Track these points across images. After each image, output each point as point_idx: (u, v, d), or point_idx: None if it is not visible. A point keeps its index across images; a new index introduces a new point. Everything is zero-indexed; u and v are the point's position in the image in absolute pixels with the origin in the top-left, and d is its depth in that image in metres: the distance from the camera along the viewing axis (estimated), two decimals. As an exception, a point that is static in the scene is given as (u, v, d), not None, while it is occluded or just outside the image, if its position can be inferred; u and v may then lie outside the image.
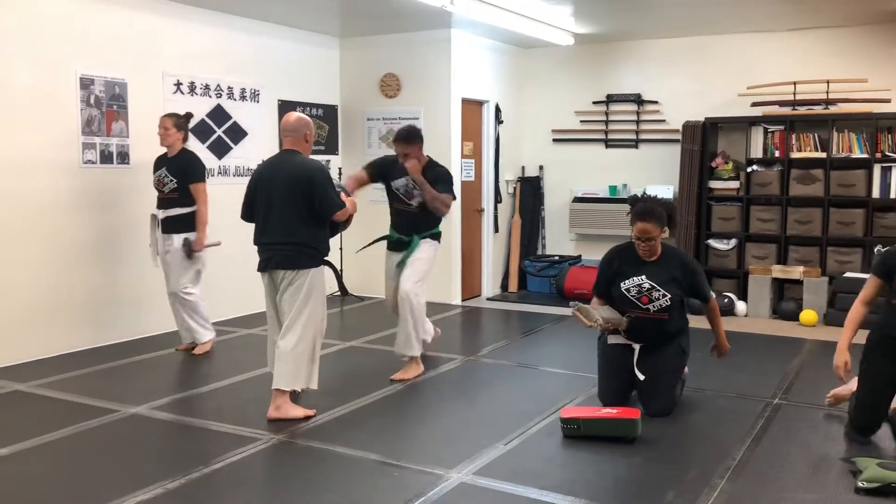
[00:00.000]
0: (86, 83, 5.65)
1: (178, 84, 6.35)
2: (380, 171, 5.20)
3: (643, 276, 4.15)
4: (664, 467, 3.57)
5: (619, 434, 3.84)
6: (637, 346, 4.21)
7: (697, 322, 4.49)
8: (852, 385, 4.00)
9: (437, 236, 5.20)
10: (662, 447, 3.83)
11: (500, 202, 8.48)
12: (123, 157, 5.92)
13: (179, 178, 5.38)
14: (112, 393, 4.66)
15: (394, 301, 5.18)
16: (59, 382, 4.89)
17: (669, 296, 4.13)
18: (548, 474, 3.50)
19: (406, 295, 4.94)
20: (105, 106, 5.79)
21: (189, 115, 5.62)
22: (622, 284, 4.20)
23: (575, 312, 4.16)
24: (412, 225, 5.11)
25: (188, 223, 5.43)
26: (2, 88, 5.16)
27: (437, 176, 5.07)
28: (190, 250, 5.42)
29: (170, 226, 5.43)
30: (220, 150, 6.75)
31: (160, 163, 5.49)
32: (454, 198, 5.14)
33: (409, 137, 4.99)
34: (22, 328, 5.33)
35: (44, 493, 3.31)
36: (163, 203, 5.46)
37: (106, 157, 5.82)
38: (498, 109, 8.30)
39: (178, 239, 5.41)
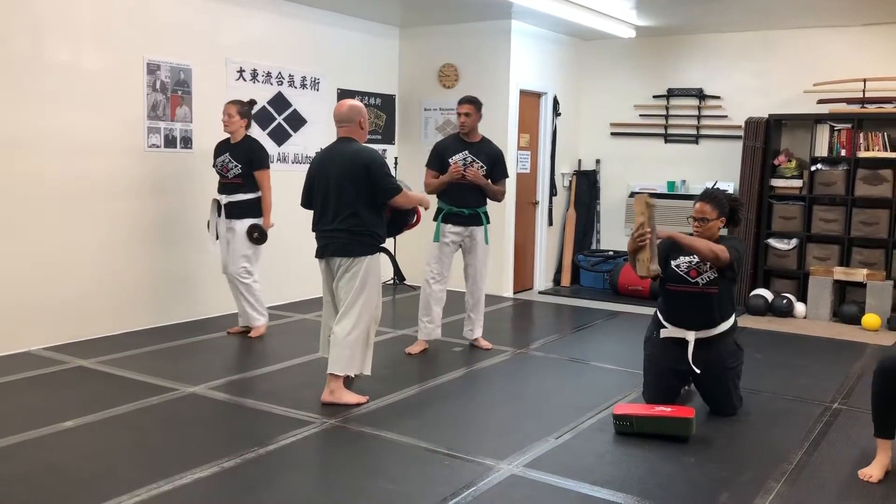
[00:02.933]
0: (152, 69, 5.79)
1: (241, 71, 6.45)
2: (440, 160, 5.37)
3: (693, 256, 4.11)
4: (718, 468, 3.52)
5: (673, 433, 3.80)
6: (691, 339, 4.14)
7: (750, 322, 4.46)
8: None
9: (488, 216, 5.51)
10: (716, 447, 3.78)
11: (555, 195, 8.43)
12: (186, 141, 6.05)
13: (244, 165, 5.46)
14: (171, 372, 4.78)
15: (441, 269, 5.40)
16: (121, 360, 5.03)
17: (715, 267, 4.07)
18: (599, 470, 3.48)
19: (483, 280, 5.50)
20: (170, 91, 5.92)
21: (252, 102, 5.70)
22: (673, 262, 4.18)
23: (643, 201, 3.98)
24: (472, 197, 5.35)
25: (251, 209, 5.52)
26: (74, 73, 5.31)
27: (495, 158, 5.40)
28: (261, 236, 5.50)
29: (233, 211, 5.51)
30: (279, 137, 6.84)
31: (223, 148, 5.57)
32: (507, 177, 5.54)
33: (476, 101, 5.36)
34: (87, 306, 5.50)
35: (106, 466, 3.41)
36: (226, 188, 5.54)
37: (170, 142, 5.95)
38: (556, 101, 8.24)
39: (240, 224, 5.49)
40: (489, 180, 5.37)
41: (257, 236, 5.50)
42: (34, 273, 5.18)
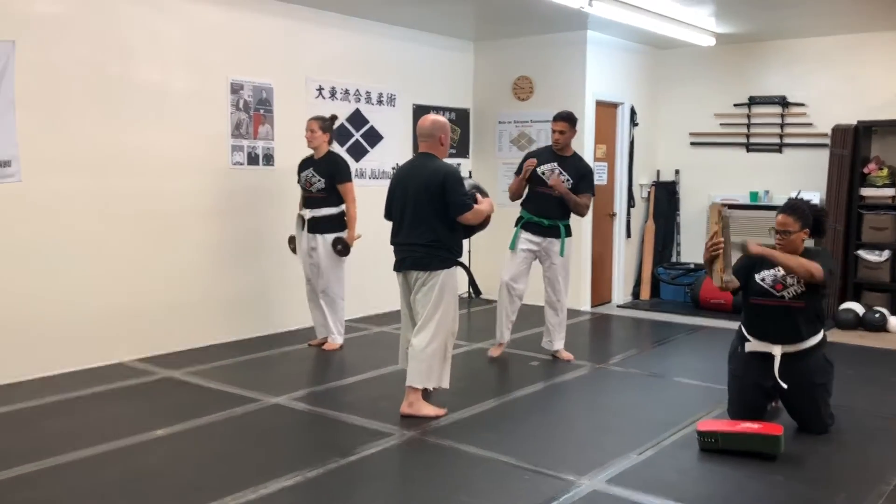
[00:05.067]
0: (236, 88, 5.97)
1: (320, 89, 6.60)
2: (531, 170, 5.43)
3: (778, 269, 3.98)
4: (809, 488, 3.39)
5: (760, 450, 3.68)
6: (777, 353, 4.01)
7: (840, 337, 4.31)
8: None
9: (569, 229, 5.51)
10: (807, 466, 3.64)
11: (633, 207, 8.32)
12: (269, 159, 6.21)
13: (327, 179, 5.56)
14: (255, 383, 4.90)
15: (515, 277, 5.45)
16: (207, 371, 5.19)
17: (803, 281, 3.94)
18: (683, 487, 3.40)
19: (563, 293, 5.52)
20: (252, 110, 6.09)
21: (334, 118, 5.81)
22: (757, 276, 4.06)
23: (718, 211, 3.95)
24: (554, 209, 5.40)
25: (336, 223, 5.60)
26: (162, 94, 5.53)
27: (582, 172, 5.43)
28: (345, 248, 5.58)
29: (317, 226, 5.60)
30: (357, 153, 6.96)
31: (307, 163, 5.68)
32: (593, 194, 5.54)
33: (571, 118, 5.43)
34: (176, 319, 5.68)
35: (194, 474, 3.52)
36: (310, 202, 5.64)
37: (252, 159, 6.12)
38: (633, 112, 8.14)
39: (324, 239, 5.57)
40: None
41: (341, 248, 5.58)
42: (126, 287, 5.39)
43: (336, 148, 6.42)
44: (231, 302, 6.06)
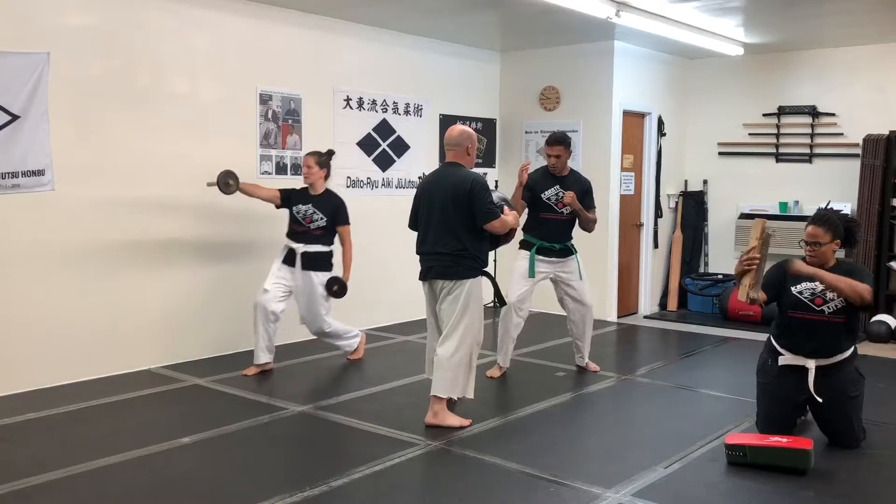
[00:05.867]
0: (264, 98, 6.03)
1: (348, 99, 6.64)
2: (530, 193, 5.35)
3: (816, 283, 3.93)
4: (839, 503, 3.34)
5: (789, 465, 3.63)
6: (812, 367, 3.95)
7: (871, 349, 4.24)
8: None
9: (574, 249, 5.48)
10: (838, 482, 3.58)
11: (661, 217, 8.26)
12: (297, 168, 6.25)
13: (329, 218, 5.41)
14: (281, 391, 4.93)
15: (522, 299, 5.33)
16: (233, 379, 5.22)
17: (843, 297, 3.88)
18: (710, 501, 3.37)
19: (590, 309, 5.50)
20: (281, 120, 6.15)
21: (331, 153, 5.60)
22: (794, 288, 3.99)
23: (761, 227, 3.91)
24: (563, 232, 5.37)
25: (327, 261, 5.44)
26: (192, 103, 5.60)
27: (585, 189, 5.37)
28: (341, 288, 5.39)
29: (310, 262, 5.36)
30: (384, 162, 6.99)
31: (304, 197, 5.44)
32: (595, 207, 5.50)
33: (565, 140, 5.30)
34: (201, 327, 5.74)
35: (221, 482, 3.54)
36: (305, 237, 5.38)
37: (281, 169, 6.18)
38: (661, 121, 8.09)
39: (317, 276, 5.36)
40: None
41: (337, 289, 5.40)
42: (154, 295, 5.46)
43: (362, 158, 6.48)
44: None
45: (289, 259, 5.40)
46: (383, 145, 6.99)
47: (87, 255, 5.10)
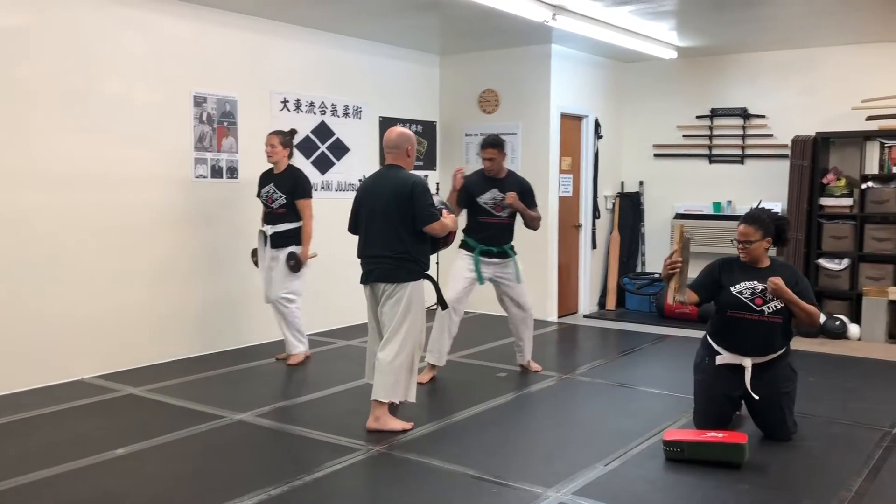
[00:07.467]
0: (199, 101, 5.92)
1: (285, 101, 6.56)
2: (468, 197, 5.34)
3: (755, 281, 4.03)
4: (773, 495, 3.43)
5: (726, 459, 3.71)
6: (748, 365, 4.05)
7: (802, 344, 4.38)
8: None
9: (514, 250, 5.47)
10: (771, 474, 3.68)
11: (599, 218, 8.38)
12: (232, 171, 6.15)
13: (288, 195, 5.52)
14: (219, 399, 4.83)
15: (459, 299, 5.30)
16: (170, 387, 5.10)
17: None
18: (650, 498, 3.41)
19: (530, 312, 5.51)
20: (216, 123, 6.04)
21: (293, 132, 5.77)
22: (733, 288, 4.08)
23: (680, 231, 4.08)
24: (501, 235, 5.36)
25: (296, 238, 5.58)
26: (125, 106, 5.46)
27: (525, 189, 5.36)
28: (297, 264, 5.55)
29: (279, 241, 5.56)
30: (323, 165, 6.93)
31: (267, 178, 5.64)
32: (537, 205, 5.47)
33: (498, 143, 5.29)
34: (137, 335, 5.60)
35: (156, 494, 3.45)
36: (271, 218, 5.59)
37: (216, 172, 6.06)
38: (597, 124, 8.21)
39: (283, 253, 5.55)
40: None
41: (293, 264, 5.54)
42: (87, 302, 5.30)
43: (300, 161, 6.41)
44: (195, 317, 5.97)
45: (264, 241, 5.59)
46: (322, 148, 6.92)
47: (15, 261, 4.92)
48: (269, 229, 5.58)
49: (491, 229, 5.31)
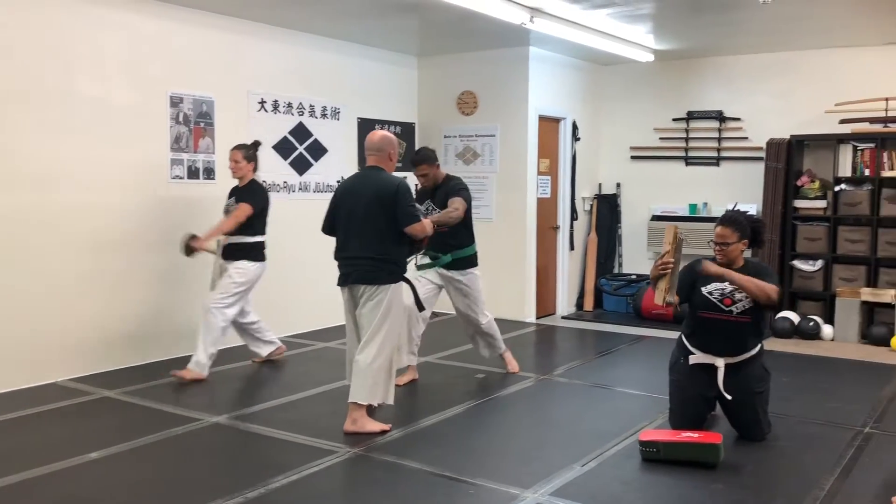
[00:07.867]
0: (175, 101, 5.87)
1: (262, 102, 6.53)
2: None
3: (726, 284, 4.07)
4: (748, 494, 3.46)
5: (701, 459, 3.74)
6: (721, 365, 4.09)
7: (776, 345, 4.43)
8: None
9: (473, 260, 5.28)
10: (746, 474, 3.71)
11: (576, 219, 8.42)
12: (209, 172, 6.11)
13: None
14: (195, 402, 4.79)
15: (425, 301, 5.09)
16: (145, 390, 5.05)
17: (751, 297, 4.03)
18: (626, 498, 3.43)
19: (482, 321, 5.32)
20: (193, 123, 6.00)
21: (257, 144, 5.59)
22: (703, 289, 4.12)
23: (673, 232, 4.09)
24: (443, 243, 5.13)
25: (247, 251, 5.37)
26: (102, 106, 5.40)
27: (450, 189, 5.16)
28: (188, 248, 5.22)
29: (230, 252, 5.38)
30: (301, 166, 6.90)
31: (232, 192, 5.51)
32: (464, 200, 5.08)
33: (427, 158, 5.21)
34: (111, 337, 5.54)
35: (131, 497, 3.41)
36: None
37: (193, 173, 6.02)
38: (575, 126, 8.25)
39: (233, 266, 5.33)
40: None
41: (187, 243, 5.22)
42: (61, 304, 5.23)
43: (278, 162, 6.37)
44: (172, 318, 5.92)
45: (218, 251, 5.42)
46: (300, 149, 6.89)
47: (-14, 264, 4.86)
48: (224, 240, 5.39)
49: (436, 236, 4.88)
